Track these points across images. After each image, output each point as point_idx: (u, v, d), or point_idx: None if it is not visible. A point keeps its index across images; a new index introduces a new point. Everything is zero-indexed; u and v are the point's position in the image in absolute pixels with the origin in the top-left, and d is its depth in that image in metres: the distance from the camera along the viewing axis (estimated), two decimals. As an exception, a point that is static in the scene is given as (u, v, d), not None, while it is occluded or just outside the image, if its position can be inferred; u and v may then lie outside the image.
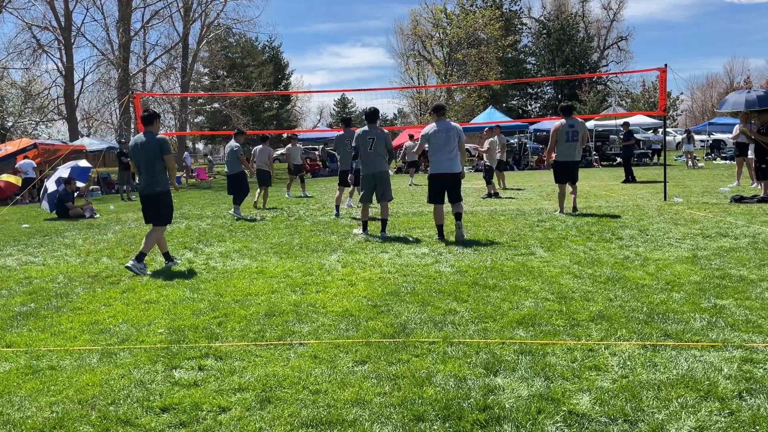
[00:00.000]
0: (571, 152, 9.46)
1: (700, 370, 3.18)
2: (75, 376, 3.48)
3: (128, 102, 18.49)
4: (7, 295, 5.60)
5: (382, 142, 7.86)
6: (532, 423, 2.70)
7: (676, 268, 5.47)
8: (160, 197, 6.49)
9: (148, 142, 6.38)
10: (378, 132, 7.88)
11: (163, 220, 6.58)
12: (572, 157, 9.49)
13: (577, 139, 9.39)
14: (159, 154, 6.37)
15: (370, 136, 7.84)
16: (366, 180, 8.03)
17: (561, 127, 9.42)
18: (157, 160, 6.39)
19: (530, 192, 14.18)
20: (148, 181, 6.45)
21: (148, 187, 6.47)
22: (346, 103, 67.94)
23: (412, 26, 48.03)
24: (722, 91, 56.30)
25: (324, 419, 2.82)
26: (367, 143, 7.85)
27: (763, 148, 10.38)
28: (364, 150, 7.89)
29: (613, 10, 58.85)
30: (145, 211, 6.66)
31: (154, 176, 6.42)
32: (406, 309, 4.53)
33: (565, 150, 9.47)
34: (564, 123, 9.42)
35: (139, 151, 6.41)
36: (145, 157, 6.38)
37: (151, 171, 6.41)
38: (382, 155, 7.93)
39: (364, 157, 7.93)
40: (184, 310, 4.78)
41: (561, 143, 9.47)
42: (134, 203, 15.92)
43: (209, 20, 36.71)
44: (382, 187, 7.99)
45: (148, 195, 6.51)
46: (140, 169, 6.47)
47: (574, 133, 9.40)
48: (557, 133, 9.46)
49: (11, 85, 33.63)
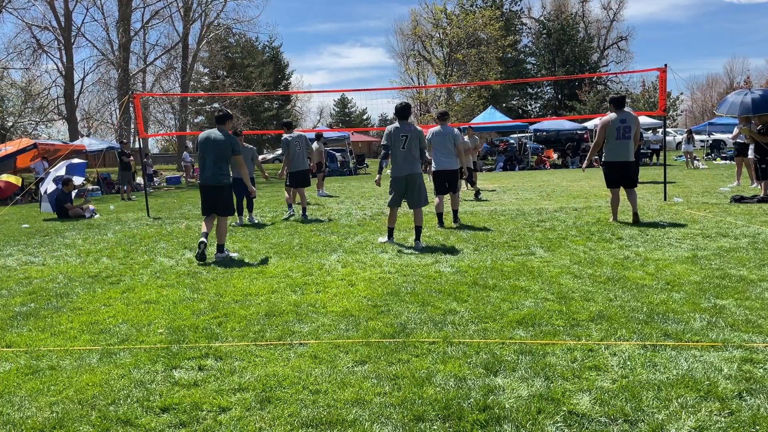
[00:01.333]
0: (623, 151, 8.18)
1: (700, 370, 3.18)
2: (75, 376, 3.48)
3: (128, 102, 18.48)
4: (7, 295, 5.60)
5: (416, 141, 7.16)
6: (532, 423, 2.71)
7: (676, 268, 5.47)
8: (224, 189, 6.98)
9: (222, 139, 6.88)
10: (412, 129, 7.17)
11: (229, 211, 7.06)
12: (625, 157, 8.20)
13: (629, 136, 8.13)
14: (231, 152, 6.92)
15: (403, 133, 7.12)
16: (395, 183, 7.27)
17: (611, 122, 8.16)
18: (227, 157, 6.92)
19: (530, 192, 14.18)
20: (214, 173, 6.89)
21: (213, 179, 6.90)
22: (346, 103, 67.93)
23: (412, 26, 48.01)
24: (722, 90, 56.32)
25: (324, 419, 2.82)
26: (399, 141, 7.10)
27: (764, 148, 10.38)
28: (396, 149, 7.12)
29: (613, 10, 58.87)
30: (205, 202, 7.06)
31: (221, 169, 6.90)
32: (406, 309, 4.53)
33: (616, 148, 8.21)
34: (614, 117, 8.16)
35: (210, 144, 6.88)
36: (216, 152, 6.86)
37: (219, 164, 6.89)
38: (416, 156, 7.20)
39: (394, 157, 7.18)
40: (184, 310, 4.78)
41: (611, 141, 8.21)
42: (134, 203, 15.92)
43: (209, 20, 36.70)
44: (414, 192, 7.25)
45: (212, 186, 6.93)
46: (205, 161, 6.92)
47: (626, 129, 8.13)
48: (606, 129, 8.22)
49: (11, 85, 33.60)
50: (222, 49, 41.52)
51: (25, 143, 20.42)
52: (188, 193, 19.86)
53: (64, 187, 12.91)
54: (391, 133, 7.15)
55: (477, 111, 38.88)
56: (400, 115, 7.23)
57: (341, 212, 11.33)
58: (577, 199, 11.85)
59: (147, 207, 12.43)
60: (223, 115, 7.09)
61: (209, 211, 7.05)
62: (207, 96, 42.46)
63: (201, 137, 7.02)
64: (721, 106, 14.27)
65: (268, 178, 11.04)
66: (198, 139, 7.12)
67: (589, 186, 15.02)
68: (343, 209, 11.91)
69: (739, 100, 12.96)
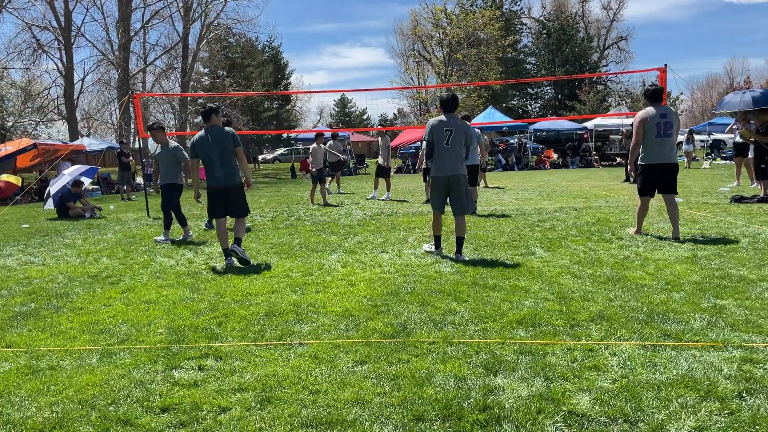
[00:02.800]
0: (665, 151, 6.92)
1: (700, 370, 3.18)
2: (75, 376, 3.48)
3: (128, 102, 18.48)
4: (7, 295, 5.60)
5: (461, 137, 6.29)
6: (532, 423, 2.70)
7: (676, 268, 5.47)
8: (239, 188, 6.62)
9: (221, 136, 6.45)
10: (458, 123, 6.30)
11: (244, 211, 6.72)
12: (667, 158, 6.93)
13: (671, 133, 6.90)
14: (233, 146, 6.48)
15: (448, 127, 6.25)
16: (437, 184, 6.42)
17: (649, 118, 6.90)
18: (232, 153, 6.50)
19: (530, 192, 14.18)
20: (225, 173, 6.50)
21: (226, 180, 6.52)
22: (346, 103, 67.95)
23: (412, 26, 48.04)
24: (722, 90, 56.33)
25: (324, 419, 2.82)
26: (443, 136, 6.26)
27: (763, 148, 10.38)
28: (439, 145, 6.30)
29: (613, 10, 58.90)
30: (218, 205, 6.64)
31: (231, 168, 6.52)
32: (406, 309, 4.53)
33: (656, 148, 6.91)
34: (653, 112, 6.90)
35: (212, 145, 6.43)
36: (221, 151, 6.44)
37: (227, 164, 6.49)
38: (460, 153, 6.34)
39: (438, 153, 6.33)
40: (184, 310, 4.78)
41: (650, 139, 6.92)
42: (134, 203, 15.91)
43: (209, 20, 36.67)
44: (457, 196, 6.38)
45: (226, 187, 6.54)
46: (212, 162, 6.47)
47: (667, 126, 6.87)
48: (644, 125, 6.92)
49: (11, 85, 33.61)
50: (222, 49, 41.51)
51: (25, 143, 20.41)
52: (188, 193, 19.82)
53: (73, 188, 12.94)
54: (434, 126, 6.32)
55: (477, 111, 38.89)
56: (445, 107, 6.38)
57: (341, 212, 11.33)
58: (577, 199, 11.85)
59: (147, 207, 12.44)
60: (210, 110, 6.58)
61: (222, 213, 6.67)
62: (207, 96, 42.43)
63: (196, 140, 6.58)
64: (720, 106, 14.29)
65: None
66: (194, 143, 6.62)
67: (589, 186, 15.02)
68: (343, 209, 11.92)
69: (738, 98, 12.98)
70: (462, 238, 6.43)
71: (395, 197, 14.19)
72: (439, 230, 6.61)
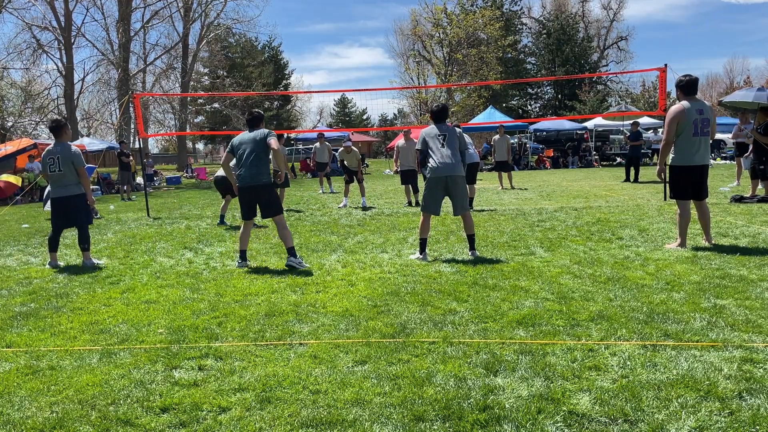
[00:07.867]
0: (701, 151, 6.26)
1: (700, 370, 3.18)
2: (75, 376, 3.48)
3: (128, 102, 18.48)
4: (7, 295, 5.60)
5: (455, 139, 6.44)
6: (532, 423, 2.70)
7: (676, 268, 5.47)
8: (269, 187, 6.49)
9: (258, 137, 6.40)
10: (450, 129, 6.52)
11: (279, 209, 6.54)
12: (703, 159, 6.30)
13: (708, 132, 6.24)
14: (266, 147, 6.39)
15: (441, 133, 6.44)
16: (433, 184, 6.44)
17: (685, 113, 6.16)
18: (264, 154, 6.41)
19: (530, 192, 14.18)
20: (252, 173, 6.36)
21: (254, 179, 6.36)
22: (346, 103, 67.93)
23: (411, 26, 48.04)
24: (722, 91, 56.31)
25: (324, 419, 2.82)
26: (437, 140, 6.41)
27: (763, 148, 10.38)
28: (434, 147, 6.41)
29: (612, 10, 58.83)
30: (249, 206, 6.50)
31: (260, 168, 6.40)
32: (406, 309, 4.53)
33: (693, 148, 6.22)
34: (689, 107, 6.19)
35: (247, 144, 6.41)
36: (254, 150, 6.36)
37: (256, 163, 6.38)
38: (458, 156, 6.44)
39: (433, 155, 6.43)
40: (184, 310, 4.78)
41: (685, 138, 6.21)
42: (134, 203, 15.91)
43: (209, 20, 36.73)
44: (456, 197, 6.46)
45: (255, 186, 6.40)
46: (242, 161, 6.41)
47: (704, 123, 6.20)
48: (679, 121, 6.19)
49: (11, 85, 33.63)
50: (222, 49, 41.58)
51: (25, 143, 20.44)
52: (188, 193, 19.86)
53: None
54: (427, 134, 6.51)
55: (477, 111, 38.90)
56: (436, 118, 6.56)
57: (341, 212, 11.33)
58: (577, 199, 11.85)
59: (147, 207, 12.44)
60: (260, 117, 6.64)
61: (251, 214, 6.52)
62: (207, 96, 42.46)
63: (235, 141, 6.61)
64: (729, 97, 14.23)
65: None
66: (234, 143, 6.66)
67: (589, 186, 15.02)
68: (343, 209, 11.92)
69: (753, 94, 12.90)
70: (473, 235, 6.56)
71: (395, 197, 14.19)
72: (426, 233, 6.56)
